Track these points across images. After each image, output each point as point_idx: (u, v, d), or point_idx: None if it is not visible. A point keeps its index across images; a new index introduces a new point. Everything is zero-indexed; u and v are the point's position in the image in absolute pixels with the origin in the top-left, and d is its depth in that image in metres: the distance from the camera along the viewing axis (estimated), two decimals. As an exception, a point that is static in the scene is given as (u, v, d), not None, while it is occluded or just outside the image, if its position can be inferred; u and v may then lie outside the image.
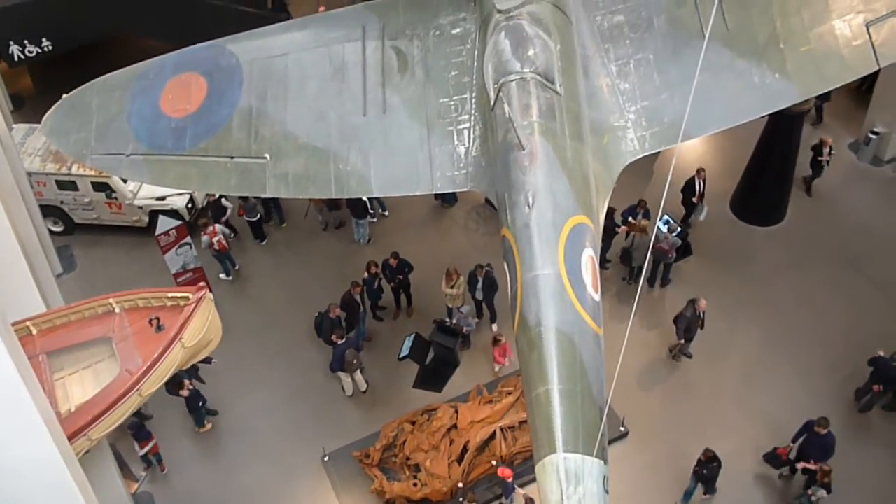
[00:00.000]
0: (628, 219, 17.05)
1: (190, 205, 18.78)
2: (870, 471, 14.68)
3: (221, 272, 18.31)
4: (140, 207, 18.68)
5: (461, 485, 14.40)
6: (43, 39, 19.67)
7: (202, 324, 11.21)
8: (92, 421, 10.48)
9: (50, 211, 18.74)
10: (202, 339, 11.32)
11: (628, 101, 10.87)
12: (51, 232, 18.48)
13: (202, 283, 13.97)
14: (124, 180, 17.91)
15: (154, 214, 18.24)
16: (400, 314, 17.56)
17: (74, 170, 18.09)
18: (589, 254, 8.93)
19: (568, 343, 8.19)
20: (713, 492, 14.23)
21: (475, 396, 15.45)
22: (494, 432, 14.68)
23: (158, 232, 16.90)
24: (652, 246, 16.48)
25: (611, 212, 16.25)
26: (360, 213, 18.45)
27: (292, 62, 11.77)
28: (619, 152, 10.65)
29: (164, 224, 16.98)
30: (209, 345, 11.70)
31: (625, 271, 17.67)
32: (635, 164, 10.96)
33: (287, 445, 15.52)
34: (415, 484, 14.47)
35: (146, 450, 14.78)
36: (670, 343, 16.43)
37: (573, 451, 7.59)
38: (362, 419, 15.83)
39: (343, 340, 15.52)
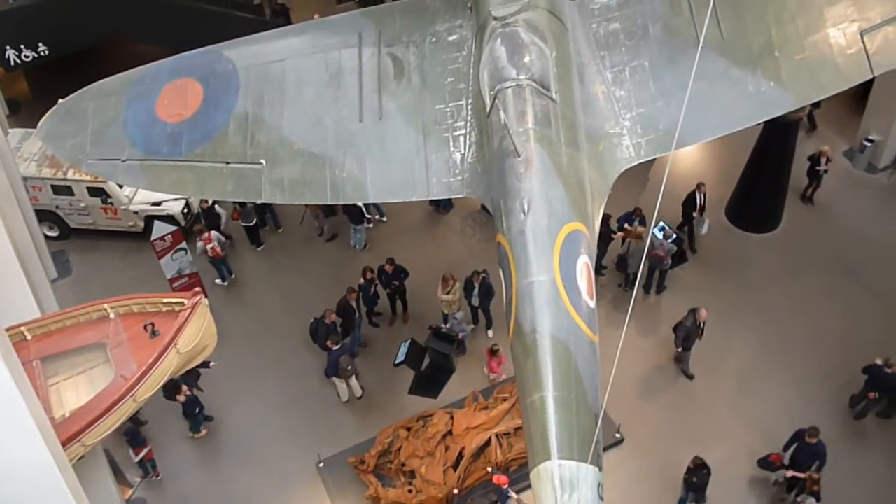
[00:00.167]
0: (624, 225, 17.07)
1: (186, 210, 18.76)
2: (864, 477, 14.68)
3: (217, 278, 18.29)
4: (136, 212, 18.66)
5: (456, 491, 14.36)
6: (39, 44, 19.69)
7: (197, 329, 11.22)
8: (86, 427, 10.46)
9: (45, 216, 18.71)
10: (197, 345, 11.33)
11: (624, 109, 10.90)
12: (46, 237, 18.48)
13: (197, 289, 13.89)
14: (120, 185, 17.89)
15: (150, 220, 18.21)
16: (396, 320, 17.54)
17: (70, 175, 18.08)
18: (584, 260, 8.93)
19: (563, 350, 8.19)
20: (703, 500, 14.19)
21: (471, 403, 15.43)
22: (490, 439, 14.65)
23: (154, 237, 16.89)
24: (647, 253, 16.65)
25: (606, 218, 16.27)
26: (357, 219, 18.45)
27: (289, 68, 11.78)
28: (615, 159, 10.67)
29: (160, 229, 16.98)
30: (204, 350, 11.70)
31: (621, 278, 17.68)
32: (631, 171, 10.97)
33: (282, 451, 15.48)
34: (410, 490, 14.44)
35: (140, 456, 14.73)
36: (666, 349, 16.43)
37: (568, 458, 7.58)
38: (357, 425, 15.80)
39: (338, 346, 15.50)
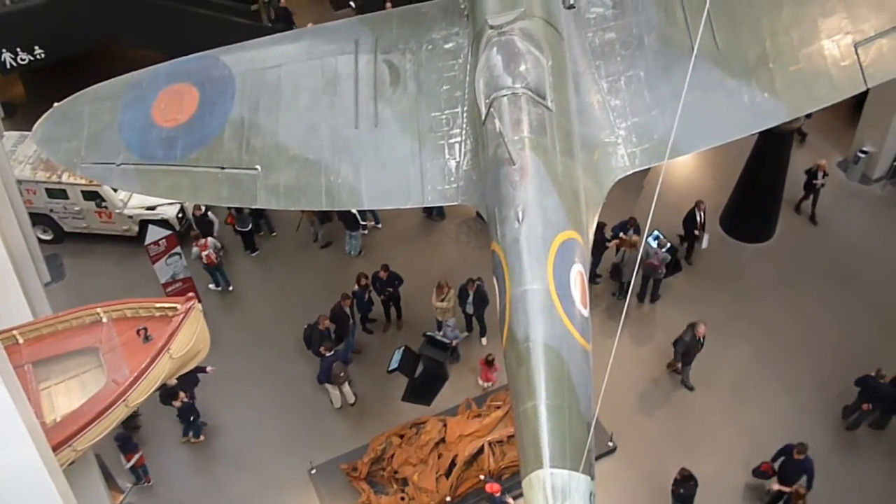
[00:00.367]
0: (619, 234, 17.09)
1: (180, 215, 18.73)
2: (857, 488, 14.69)
3: (211, 283, 18.26)
4: (130, 217, 18.63)
5: (449, 499, 14.36)
6: (35, 47, 19.66)
7: (190, 335, 11.17)
8: (77, 431, 10.40)
9: (39, 219, 18.68)
10: (190, 350, 11.27)
11: (619, 118, 10.91)
12: (40, 240, 18.44)
13: (191, 294, 13.83)
14: (115, 189, 17.86)
15: (144, 224, 18.18)
16: (390, 327, 17.54)
17: (65, 178, 18.06)
18: (578, 269, 8.92)
19: (556, 358, 8.18)
20: None
21: (464, 410, 15.42)
22: (483, 446, 14.65)
23: (148, 241, 16.87)
24: (642, 262, 16.66)
25: (601, 227, 16.31)
26: (352, 226, 18.44)
27: (285, 74, 11.78)
28: (610, 168, 10.68)
29: (154, 234, 16.96)
30: (197, 356, 11.65)
31: (615, 287, 17.70)
32: (626, 180, 10.98)
33: (274, 458, 15.44)
34: (402, 498, 14.42)
35: (132, 462, 14.68)
36: (660, 358, 16.47)
37: (560, 467, 7.56)
38: (350, 432, 15.76)
39: (331, 353, 15.47)
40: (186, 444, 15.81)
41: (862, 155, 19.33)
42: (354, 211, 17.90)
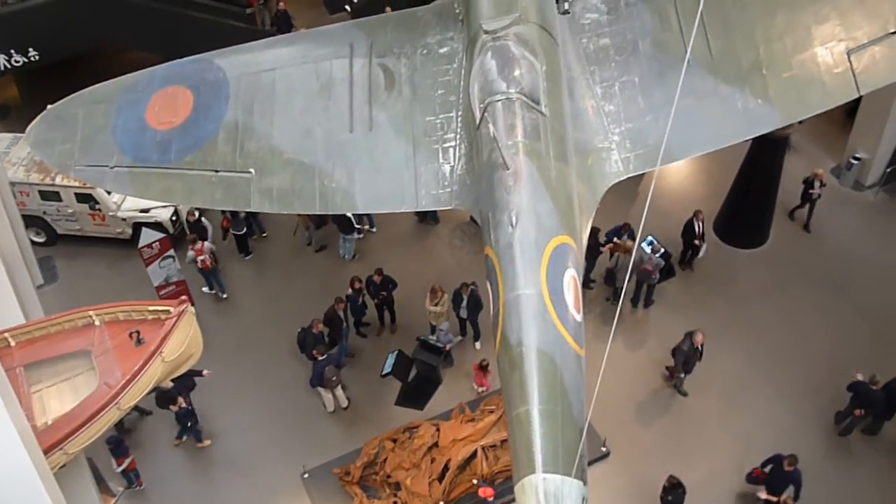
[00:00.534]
0: (613, 239, 17.11)
1: (174, 217, 18.69)
2: (850, 494, 14.70)
3: (204, 286, 18.21)
4: (124, 219, 18.57)
5: (442, 503, 14.33)
6: (30, 49, 19.60)
7: (183, 338, 11.16)
8: (69, 434, 10.39)
9: (32, 221, 18.60)
10: (183, 354, 11.27)
11: (613, 123, 10.95)
12: (33, 243, 18.36)
13: (184, 297, 13.88)
14: (109, 192, 17.82)
15: (138, 226, 18.12)
16: (383, 331, 17.51)
17: (58, 180, 17.99)
18: (571, 274, 8.94)
19: (549, 363, 8.19)
20: None
21: (457, 415, 15.41)
22: (476, 451, 14.62)
23: (142, 244, 16.80)
24: (636, 267, 16.69)
25: (595, 232, 16.32)
26: (346, 229, 18.43)
27: (280, 77, 11.79)
28: (604, 173, 10.71)
29: (148, 236, 16.90)
30: (190, 359, 11.64)
31: (609, 291, 17.71)
32: (620, 186, 11.03)
33: (267, 461, 15.39)
34: (395, 502, 14.39)
35: (123, 466, 14.62)
36: (653, 363, 16.48)
37: (552, 472, 7.56)
38: (343, 436, 15.73)
39: (324, 356, 15.44)
40: (179, 448, 15.74)
41: (855, 161, 19.40)
42: (350, 214, 17.91)
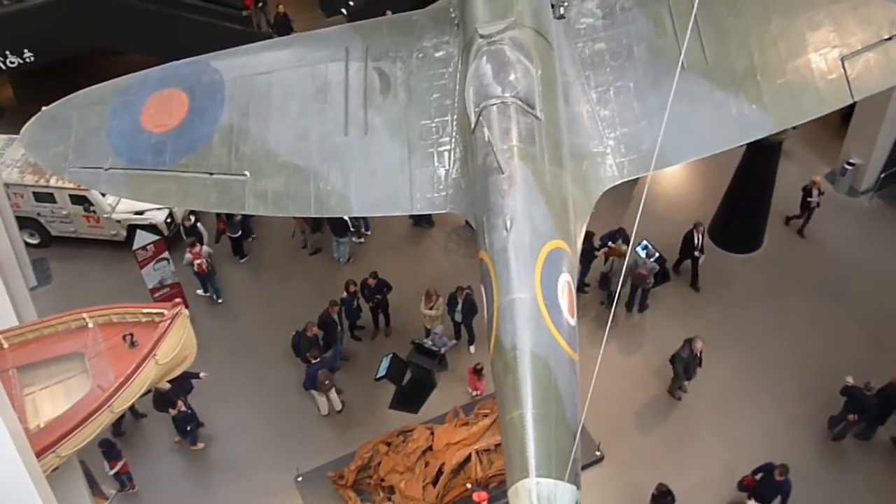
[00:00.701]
0: (608, 243, 17.12)
1: (169, 220, 18.65)
2: (843, 499, 14.72)
3: (199, 289, 18.18)
4: (118, 221, 18.53)
5: (435, 507, 14.32)
6: (25, 50, 19.56)
7: (177, 340, 11.12)
8: (61, 437, 10.32)
9: (27, 223, 18.54)
10: (177, 356, 11.22)
11: (608, 128, 10.97)
12: (27, 244, 18.30)
13: (178, 300, 13.78)
14: (103, 194, 17.78)
15: (132, 229, 18.08)
16: (378, 334, 17.50)
17: (53, 182, 17.94)
18: (565, 278, 8.95)
19: (543, 367, 8.19)
20: None
21: (451, 418, 15.39)
22: (470, 455, 14.60)
23: (136, 246, 16.79)
24: (631, 271, 16.71)
25: (590, 236, 16.34)
26: (341, 232, 18.41)
27: (275, 80, 11.78)
28: (598, 178, 10.73)
29: (142, 239, 16.88)
30: (184, 362, 11.59)
31: (603, 296, 17.72)
32: (616, 190, 11.04)
33: (260, 465, 15.36)
34: (389, 506, 14.38)
35: (116, 469, 14.57)
36: (648, 368, 16.49)
37: (546, 476, 7.56)
38: (337, 439, 15.70)
39: (317, 360, 15.41)
40: (172, 451, 15.70)
41: (849, 167, 19.45)
42: (346, 218, 17.91)
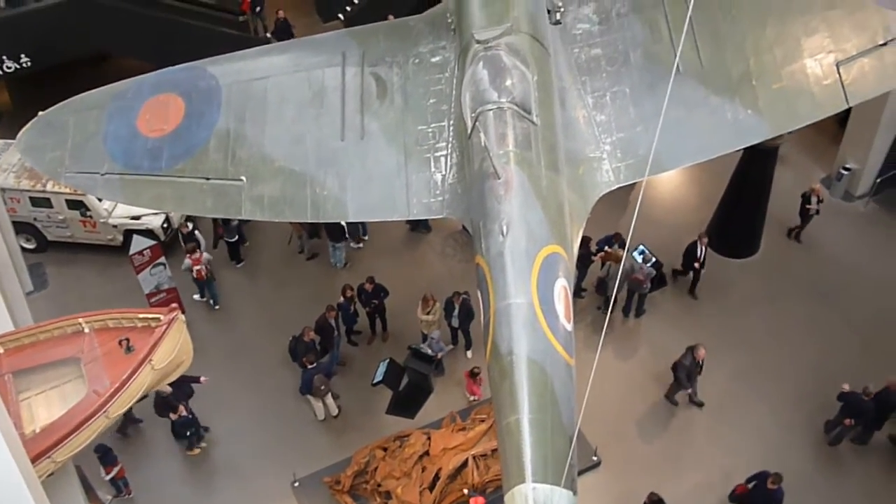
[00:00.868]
0: (604, 248, 17.13)
1: (165, 225, 18.64)
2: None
3: (196, 293, 18.16)
4: (115, 226, 18.51)
5: (432, 513, 14.29)
6: (22, 55, 19.58)
7: (173, 346, 11.11)
8: (57, 443, 10.32)
9: (23, 228, 18.52)
10: (172, 361, 11.22)
11: (604, 133, 11.01)
12: (23, 249, 18.29)
13: (174, 305, 13.82)
14: (99, 199, 17.76)
15: (129, 234, 18.08)
16: (375, 339, 17.48)
17: (49, 187, 17.92)
18: (562, 283, 8.96)
19: (539, 372, 8.19)
20: None
21: (448, 423, 15.36)
22: (467, 460, 14.57)
23: (132, 251, 16.76)
24: (627, 276, 16.71)
25: (586, 241, 16.35)
26: (337, 237, 18.41)
27: (272, 86, 11.81)
28: (594, 183, 10.76)
29: (139, 244, 16.86)
30: (180, 367, 11.59)
31: (600, 301, 17.72)
32: (612, 195, 11.08)
33: (257, 470, 15.32)
34: (385, 511, 14.35)
35: (112, 474, 14.52)
36: (645, 373, 16.48)
37: (542, 481, 7.56)
38: (334, 444, 15.67)
39: (313, 365, 15.37)
40: (168, 456, 15.64)
41: (845, 172, 19.50)
42: (344, 224, 17.91)
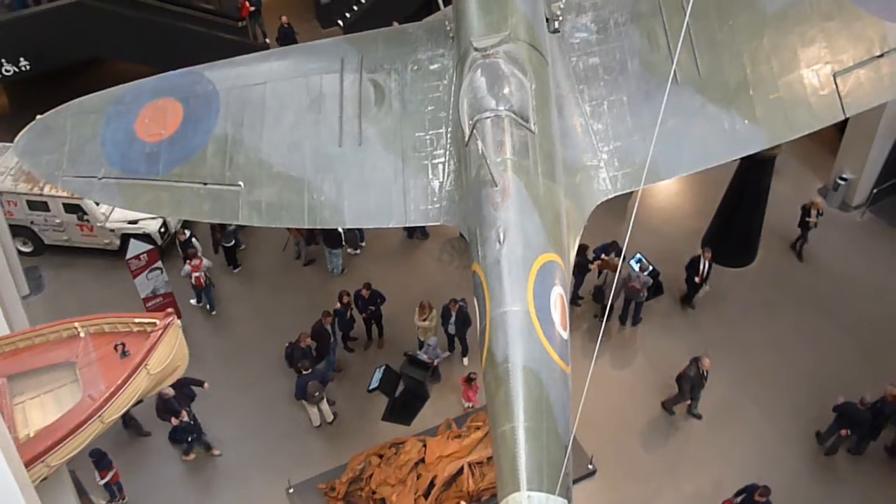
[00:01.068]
0: (601, 256, 17.14)
1: (163, 229, 18.63)
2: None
3: (192, 298, 18.14)
4: (112, 230, 18.50)
5: (427, 520, 14.26)
6: (21, 59, 19.60)
7: (169, 350, 11.10)
8: (51, 447, 10.29)
9: (20, 231, 18.52)
10: (168, 366, 11.21)
11: (601, 142, 11.01)
12: (20, 252, 18.28)
13: (170, 310, 13.76)
14: (97, 203, 17.76)
15: (126, 238, 18.06)
16: (371, 345, 17.46)
17: (46, 190, 17.92)
18: (558, 291, 8.94)
19: (535, 380, 8.17)
20: None
21: (444, 431, 15.34)
22: (462, 467, 14.56)
23: (129, 256, 16.74)
24: (624, 284, 16.72)
25: (583, 249, 16.36)
26: (334, 244, 18.41)
27: (270, 91, 11.81)
28: (592, 191, 10.76)
29: (136, 248, 16.83)
30: (175, 372, 11.57)
31: (597, 309, 17.74)
32: (610, 203, 11.07)
33: (252, 476, 15.29)
34: (380, 518, 14.32)
35: (106, 479, 14.48)
36: (641, 381, 16.49)
37: (537, 490, 7.53)
38: (329, 451, 15.65)
39: (308, 371, 15.34)
40: (163, 461, 15.60)
41: (842, 182, 19.55)
42: (341, 230, 17.90)
